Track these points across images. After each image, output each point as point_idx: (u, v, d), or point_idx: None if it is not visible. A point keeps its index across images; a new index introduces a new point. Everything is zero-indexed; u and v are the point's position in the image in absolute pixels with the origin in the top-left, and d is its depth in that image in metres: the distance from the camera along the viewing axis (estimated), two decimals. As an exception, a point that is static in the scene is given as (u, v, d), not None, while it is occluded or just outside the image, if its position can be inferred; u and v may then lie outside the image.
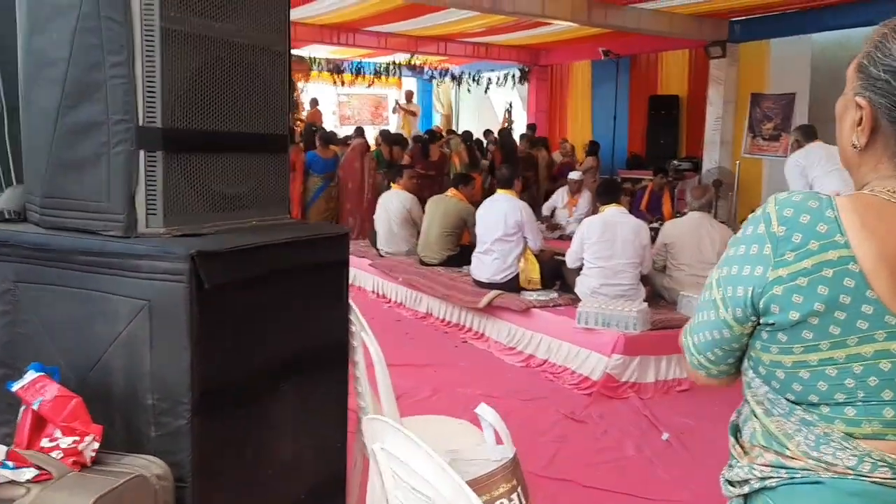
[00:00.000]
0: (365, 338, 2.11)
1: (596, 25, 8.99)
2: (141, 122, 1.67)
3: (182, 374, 1.64)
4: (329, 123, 13.44)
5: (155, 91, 1.66)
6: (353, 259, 7.52)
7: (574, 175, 8.56)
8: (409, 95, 14.62)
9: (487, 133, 11.65)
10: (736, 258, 1.04)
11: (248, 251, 1.76)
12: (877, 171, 1.03)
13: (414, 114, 14.37)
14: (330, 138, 8.92)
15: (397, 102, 14.57)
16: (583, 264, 5.04)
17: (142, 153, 1.68)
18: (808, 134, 5.92)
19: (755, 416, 1.08)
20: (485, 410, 1.53)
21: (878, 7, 7.78)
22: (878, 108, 1.00)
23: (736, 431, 1.15)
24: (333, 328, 2.12)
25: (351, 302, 2.17)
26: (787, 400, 1.02)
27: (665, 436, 3.71)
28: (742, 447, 1.12)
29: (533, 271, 5.43)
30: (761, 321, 1.02)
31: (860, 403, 0.97)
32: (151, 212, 1.72)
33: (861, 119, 1.02)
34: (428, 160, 9.49)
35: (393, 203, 6.97)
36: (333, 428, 2.17)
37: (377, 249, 7.11)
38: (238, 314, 1.79)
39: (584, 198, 8.28)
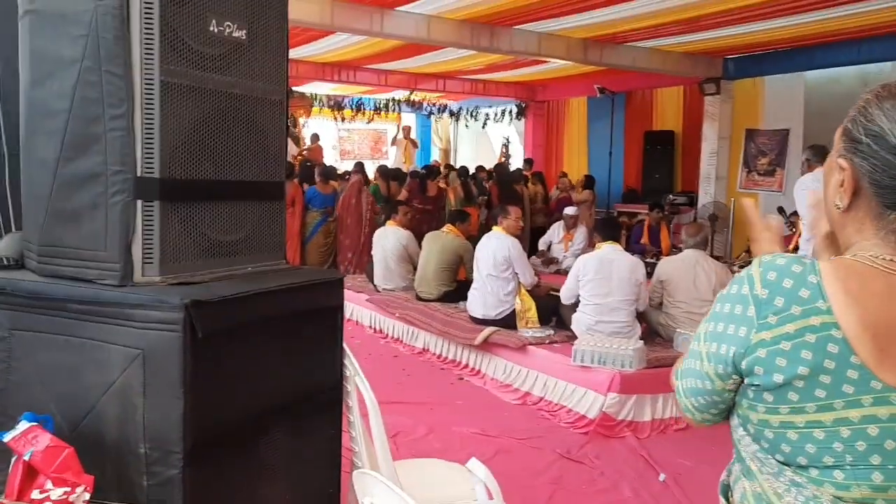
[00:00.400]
0: (358, 382, 2.11)
1: (591, 63, 9.13)
2: (139, 173, 1.70)
3: (175, 423, 1.64)
4: (329, 158, 13.54)
5: (153, 142, 1.70)
6: (350, 294, 7.53)
7: (570, 211, 8.62)
8: (406, 131, 14.75)
9: (480, 169, 11.72)
10: (721, 315, 1.05)
11: (242, 299, 1.77)
12: (861, 234, 1.04)
13: (416, 145, 14.50)
14: (330, 174, 8.98)
15: (402, 130, 14.69)
16: (578, 301, 5.06)
17: (139, 203, 1.71)
18: (820, 154, 5.79)
19: (745, 475, 1.08)
20: (475, 466, 1.53)
21: (868, 45, 7.93)
22: (860, 170, 1.02)
23: (727, 491, 1.16)
24: (327, 373, 2.13)
25: (345, 346, 2.18)
26: (777, 460, 1.02)
27: (662, 477, 3.68)
28: None
29: (528, 309, 5.44)
30: (746, 381, 1.03)
31: (849, 467, 0.97)
32: (147, 260, 1.74)
33: (843, 181, 1.04)
34: (425, 195, 9.54)
35: (389, 240, 7.00)
36: (326, 474, 2.17)
37: (374, 285, 7.12)
38: (232, 361, 1.80)
39: (580, 233, 8.33)
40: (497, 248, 5.44)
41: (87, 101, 1.69)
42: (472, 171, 11.31)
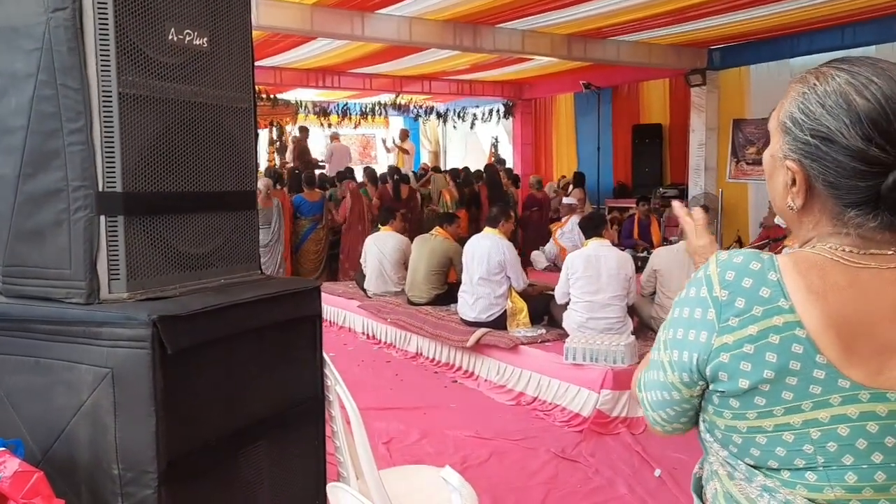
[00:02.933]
0: (339, 392, 2.07)
1: (576, 59, 9.12)
2: (101, 188, 1.66)
3: (147, 442, 1.61)
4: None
5: (114, 156, 1.66)
6: (341, 300, 7.47)
7: (568, 200, 9.01)
8: (403, 134, 14.69)
9: (461, 171, 11.71)
10: (680, 321, 1.00)
11: (214, 312, 1.73)
12: (817, 229, 1.00)
13: (408, 152, 14.43)
14: (313, 180, 8.93)
15: (394, 140, 14.64)
16: (570, 299, 5.03)
17: (102, 219, 1.67)
18: None
19: (716, 477, 1.05)
20: (449, 474, 1.49)
21: (851, 30, 7.93)
22: (811, 172, 0.97)
23: (699, 488, 1.12)
24: (306, 384, 2.09)
25: (325, 356, 2.14)
26: (747, 464, 0.99)
27: (657, 472, 3.65)
28: None
29: (520, 310, 5.40)
30: (711, 387, 0.99)
31: (821, 469, 0.93)
32: (114, 276, 1.70)
33: (794, 181, 0.99)
34: (399, 199, 9.49)
35: (388, 244, 6.89)
36: (311, 485, 2.13)
37: (364, 290, 7.07)
38: (205, 376, 1.76)
39: (573, 220, 8.51)
40: (492, 250, 5.40)
41: (44, 115, 1.65)
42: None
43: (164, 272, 1.80)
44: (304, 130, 12.82)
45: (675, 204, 1.38)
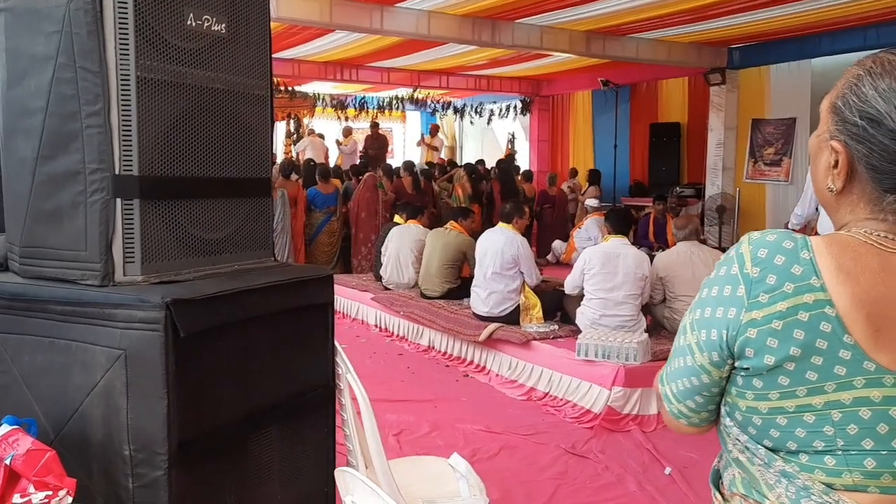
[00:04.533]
0: (350, 380, 2.08)
1: (594, 56, 9.08)
2: (117, 171, 1.67)
3: (159, 423, 1.62)
4: (334, 157, 13.50)
5: (131, 140, 1.67)
6: (355, 293, 7.48)
7: (591, 203, 9.22)
8: (434, 129, 14.74)
9: (480, 163, 11.74)
10: (709, 300, 1.01)
11: (226, 297, 1.74)
12: (854, 214, 1.00)
13: (436, 148, 14.50)
14: (328, 173, 8.95)
15: (422, 136, 14.74)
16: (583, 293, 5.02)
17: (118, 201, 1.68)
18: None
19: (735, 463, 1.04)
20: (457, 461, 1.50)
21: (875, 31, 7.83)
22: (855, 154, 0.97)
23: (717, 478, 1.12)
24: (318, 371, 2.10)
25: (337, 344, 2.15)
26: (766, 447, 0.99)
27: (668, 470, 3.64)
28: (722, 495, 1.09)
29: (533, 305, 5.39)
30: (736, 364, 0.99)
31: (840, 453, 0.93)
32: (129, 259, 1.71)
33: (837, 162, 0.99)
34: (419, 192, 9.51)
35: (414, 236, 6.84)
36: (321, 472, 2.14)
37: (379, 278, 7.08)
38: (217, 361, 1.77)
39: (589, 223, 8.50)
40: (506, 244, 5.38)
41: (62, 98, 1.66)
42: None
43: (179, 256, 1.81)
44: (375, 126, 13.12)
45: None
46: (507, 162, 11.29)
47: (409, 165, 10.13)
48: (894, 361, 0.91)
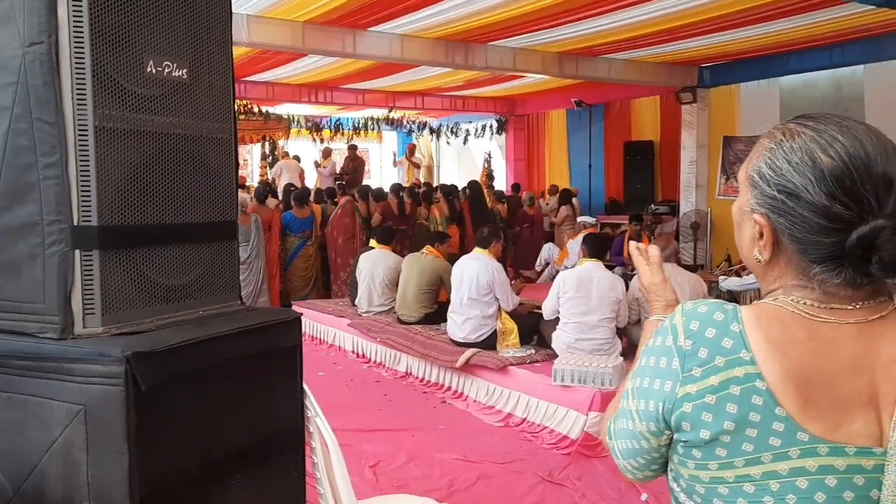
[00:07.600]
0: (319, 423, 2.05)
1: (567, 76, 9.16)
2: (76, 222, 1.64)
3: (120, 480, 1.58)
4: (311, 180, 13.45)
5: (90, 190, 1.64)
6: (332, 319, 7.41)
7: (585, 219, 9.44)
8: (411, 149, 14.76)
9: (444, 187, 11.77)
10: (647, 370, 1.01)
11: (190, 346, 1.71)
12: (783, 281, 1.00)
13: (418, 165, 14.53)
14: (304, 197, 8.89)
15: (407, 150, 14.78)
16: (559, 318, 5.02)
17: (77, 253, 1.65)
18: None
19: None
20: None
21: (840, 49, 7.98)
22: (777, 226, 0.97)
23: None
24: (286, 416, 2.06)
25: (305, 386, 2.12)
26: None
27: (644, 496, 3.63)
28: None
29: (510, 331, 5.39)
30: (675, 436, 0.99)
31: None
32: (89, 311, 1.68)
33: (762, 234, 1.00)
34: (403, 216, 9.45)
35: (386, 263, 6.82)
36: (291, 518, 2.10)
37: (355, 306, 7.04)
38: (182, 411, 1.74)
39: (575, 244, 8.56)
40: (481, 270, 5.38)
41: (18, 149, 1.63)
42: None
43: (141, 305, 1.78)
44: (353, 148, 13.18)
45: (632, 245, 1.38)
46: (478, 183, 11.25)
47: (396, 188, 10.10)
48: (827, 430, 0.92)
